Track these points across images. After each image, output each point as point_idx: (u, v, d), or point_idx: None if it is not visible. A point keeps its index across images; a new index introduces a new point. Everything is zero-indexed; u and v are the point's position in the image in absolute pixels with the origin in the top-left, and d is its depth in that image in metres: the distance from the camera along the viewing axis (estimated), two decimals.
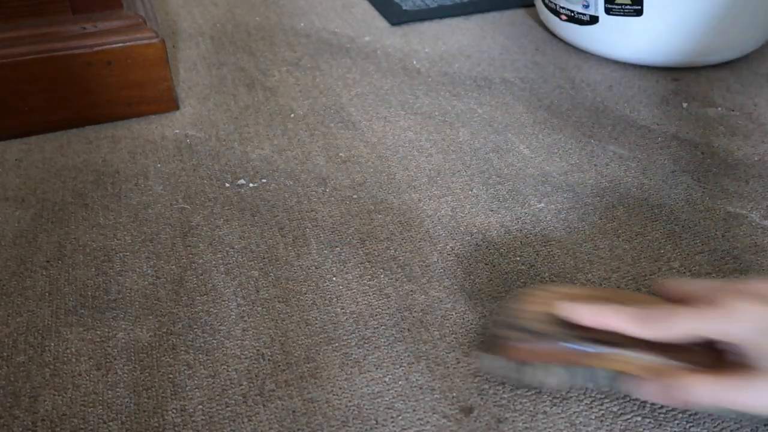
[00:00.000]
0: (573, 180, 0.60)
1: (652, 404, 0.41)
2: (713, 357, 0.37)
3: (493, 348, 0.41)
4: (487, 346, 0.42)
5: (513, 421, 0.40)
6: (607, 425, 0.40)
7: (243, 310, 0.47)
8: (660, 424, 0.40)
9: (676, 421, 0.40)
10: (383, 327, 0.46)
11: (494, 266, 0.51)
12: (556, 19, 0.82)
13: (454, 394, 0.42)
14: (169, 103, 0.71)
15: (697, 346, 0.37)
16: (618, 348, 0.37)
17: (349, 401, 0.41)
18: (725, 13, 0.72)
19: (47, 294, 0.49)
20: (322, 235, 0.54)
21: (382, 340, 0.45)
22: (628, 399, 0.41)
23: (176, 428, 0.40)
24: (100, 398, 0.42)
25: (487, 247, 0.53)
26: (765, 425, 0.40)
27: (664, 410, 0.40)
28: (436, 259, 0.52)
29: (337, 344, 0.45)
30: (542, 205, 0.57)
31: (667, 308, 0.37)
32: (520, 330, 0.39)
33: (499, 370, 0.41)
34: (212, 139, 0.67)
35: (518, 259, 0.52)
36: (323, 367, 0.43)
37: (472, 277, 0.50)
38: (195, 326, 0.46)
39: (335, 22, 0.91)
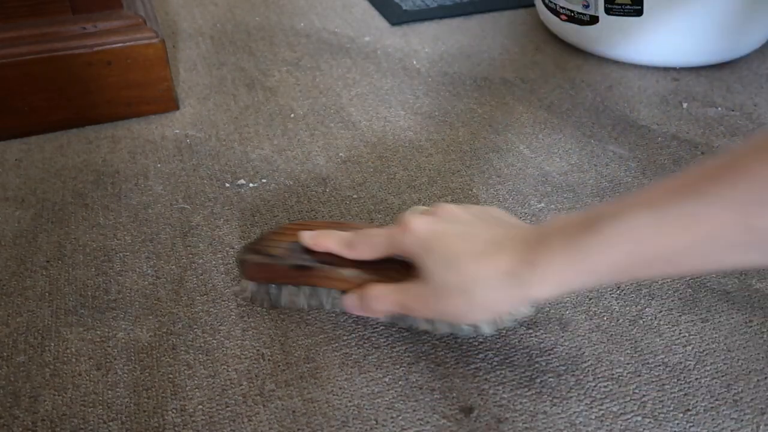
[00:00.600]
0: (573, 180, 0.60)
1: (652, 404, 0.41)
2: (405, 272, 0.40)
3: (241, 271, 0.45)
4: (237, 269, 0.46)
5: (513, 421, 0.40)
6: (607, 425, 0.40)
7: (243, 310, 0.47)
8: (660, 424, 0.40)
9: (677, 422, 0.40)
10: (383, 327, 0.46)
11: None
12: (556, 19, 0.82)
13: (454, 394, 0.42)
14: (169, 103, 0.71)
15: (397, 263, 0.41)
16: (332, 266, 0.42)
17: (349, 401, 0.41)
18: (725, 13, 0.72)
19: (47, 294, 0.49)
20: None
21: (382, 340, 0.45)
22: (628, 399, 0.41)
23: (176, 428, 0.40)
24: (100, 398, 0.42)
25: None
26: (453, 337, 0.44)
27: (664, 410, 0.40)
28: None
29: (337, 344, 0.45)
30: (542, 205, 0.57)
31: (371, 231, 0.41)
32: (262, 254, 0.44)
33: (246, 293, 0.46)
34: (212, 139, 0.67)
35: None
36: (323, 367, 0.43)
37: None
38: (195, 326, 0.46)
39: (335, 22, 0.91)
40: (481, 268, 0.35)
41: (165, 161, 0.63)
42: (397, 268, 0.41)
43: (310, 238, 0.43)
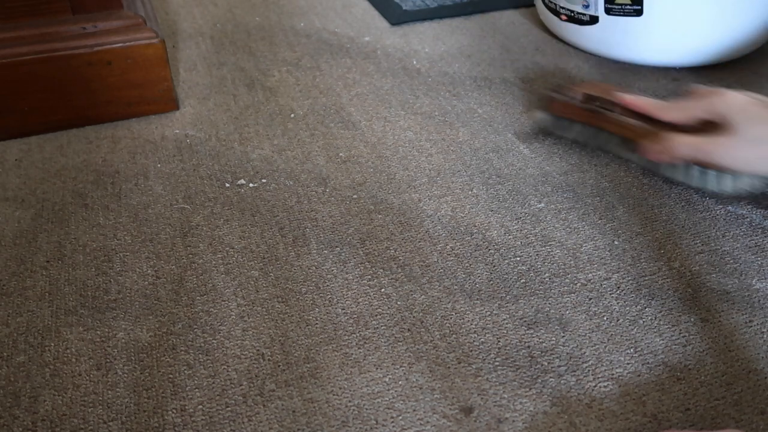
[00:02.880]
0: (573, 180, 0.60)
1: (652, 404, 0.41)
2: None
3: (544, 104, 0.60)
4: (540, 104, 0.62)
5: (513, 421, 0.40)
6: (607, 425, 0.40)
7: (243, 310, 0.47)
8: (660, 424, 0.40)
9: (677, 421, 0.40)
10: (383, 327, 0.46)
11: (494, 266, 0.51)
12: (556, 19, 0.82)
13: (454, 394, 0.42)
14: (169, 103, 0.71)
15: (692, 128, 0.50)
16: (628, 118, 0.53)
17: (349, 401, 0.41)
18: (725, 13, 0.72)
19: (47, 294, 0.49)
20: (322, 235, 0.54)
21: (382, 340, 0.45)
22: (628, 399, 0.41)
23: (176, 428, 0.40)
24: (100, 398, 0.42)
25: (487, 247, 0.53)
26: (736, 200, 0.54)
27: (664, 410, 0.40)
28: (436, 259, 0.52)
29: (337, 344, 0.45)
30: (542, 205, 0.57)
31: (679, 101, 0.51)
32: (566, 95, 0.57)
33: (543, 122, 0.61)
34: (212, 139, 0.67)
35: (518, 259, 0.52)
36: (323, 367, 0.43)
37: (472, 277, 0.50)
38: (195, 326, 0.46)
39: (335, 22, 0.91)
40: None
41: (165, 161, 0.63)
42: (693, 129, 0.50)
43: (629, 97, 0.54)
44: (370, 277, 0.50)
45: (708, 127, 0.49)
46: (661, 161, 0.52)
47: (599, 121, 0.55)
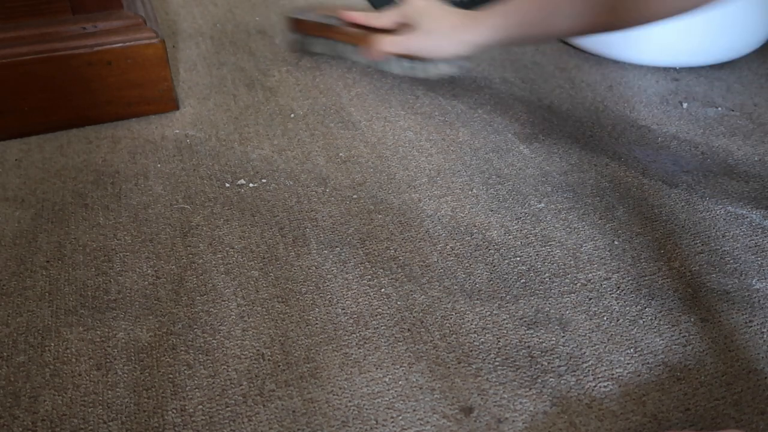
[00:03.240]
0: (573, 180, 0.60)
1: (652, 404, 0.41)
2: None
3: (290, 27, 0.66)
4: (288, 26, 0.68)
5: (513, 421, 0.40)
6: (607, 425, 0.40)
7: (243, 310, 0.47)
8: (660, 424, 0.40)
9: (677, 421, 0.40)
10: (383, 327, 0.46)
11: (494, 266, 0.51)
12: None
13: (454, 394, 0.42)
14: (169, 103, 0.71)
15: (395, 30, 0.61)
16: (348, 27, 0.64)
17: (349, 401, 0.41)
18: (725, 13, 0.72)
19: (47, 294, 0.49)
20: (322, 235, 0.54)
21: (382, 340, 0.45)
22: (628, 399, 0.41)
23: (176, 428, 0.40)
24: (100, 398, 0.42)
25: (487, 247, 0.53)
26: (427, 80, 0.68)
27: (664, 410, 0.40)
28: (436, 259, 0.52)
29: (337, 344, 0.45)
30: (542, 205, 0.57)
31: (386, 11, 0.62)
32: (304, 16, 0.66)
33: (294, 42, 0.67)
34: (212, 139, 0.67)
35: (518, 259, 0.52)
36: (323, 367, 0.43)
37: (472, 277, 0.50)
38: (195, 326, 0.46)
39: None
40: (452, 27, 0.59)
41: (165, 161, 0.63)
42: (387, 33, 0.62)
43: (349, 12, 0.64)
44: (370, 277, 0.50)
45: (405, 28, 0.61)
46: (376, 59, 0.63)
47: (333, 33, 0.66)
